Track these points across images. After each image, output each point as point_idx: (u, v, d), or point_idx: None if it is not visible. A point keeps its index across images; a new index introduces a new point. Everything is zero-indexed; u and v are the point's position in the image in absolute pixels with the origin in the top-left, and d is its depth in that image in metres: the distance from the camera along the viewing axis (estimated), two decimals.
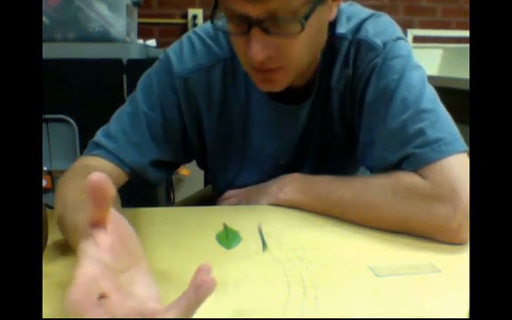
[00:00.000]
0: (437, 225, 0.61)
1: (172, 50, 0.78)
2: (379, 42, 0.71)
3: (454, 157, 0.63)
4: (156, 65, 0.78)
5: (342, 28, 0.72)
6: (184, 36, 0.79)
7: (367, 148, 0.72)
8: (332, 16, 0.69)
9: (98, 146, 0.75)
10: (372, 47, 0.71)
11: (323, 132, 0.79)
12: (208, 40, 0.76)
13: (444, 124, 0.66)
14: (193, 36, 0.77)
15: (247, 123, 0.80)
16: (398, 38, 0.72)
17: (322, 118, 0.78)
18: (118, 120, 0.78)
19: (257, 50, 0.60)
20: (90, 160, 0.74)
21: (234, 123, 0.80)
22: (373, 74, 0.70)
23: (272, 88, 0.67)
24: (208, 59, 0.76)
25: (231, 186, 0.86)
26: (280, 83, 0.66)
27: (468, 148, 0.64)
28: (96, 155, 0.74)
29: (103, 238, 0.38)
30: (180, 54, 0.76)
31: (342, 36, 0.72)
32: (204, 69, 0.76)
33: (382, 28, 0.73)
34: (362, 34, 0.72)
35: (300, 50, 0.63)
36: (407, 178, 0.64)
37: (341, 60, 0.73)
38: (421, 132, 0.65)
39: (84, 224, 0.40)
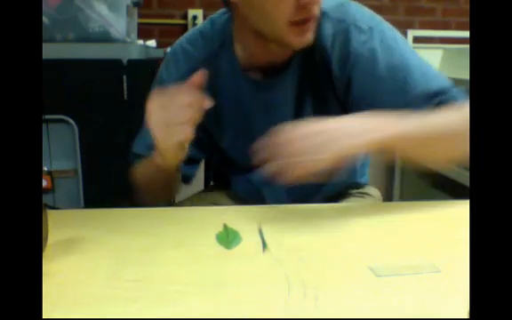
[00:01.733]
0: None
1: (161, 66, 0.92)
2: (365, 26, 0.78)
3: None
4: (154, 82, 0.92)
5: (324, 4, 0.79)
6: (170, 51, 0.91)
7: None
8: None
9: (138, 156, 0.89)
10: (360, 29, 0.78)
11: (316, 102, 0.84)
12: (189, 48, 0.87)
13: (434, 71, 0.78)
14: (177, 50, 0.88)
15: (240, 107, 0.86)
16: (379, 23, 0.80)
17: (313, 88, 0.83)
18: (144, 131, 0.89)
19: None
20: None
21: (227, 112, 0.87)
22: (375, 56, 0.77)
23: (306, 39, 0.74)
24: (190, 65, 0.84)
25: (228, 151, 0.92)
26: (311, 32, 0.74)
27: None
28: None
29: None
30: (168, 68, 0.89)
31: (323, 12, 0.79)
32: (190, 72, 0.81)
33: (365, 12, 0.81)
34: (349, 17, 0.79)
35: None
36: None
37: (327, 36, 0.79)
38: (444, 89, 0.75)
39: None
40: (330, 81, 0.81)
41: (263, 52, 0.81)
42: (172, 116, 0.65)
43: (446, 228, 0.69)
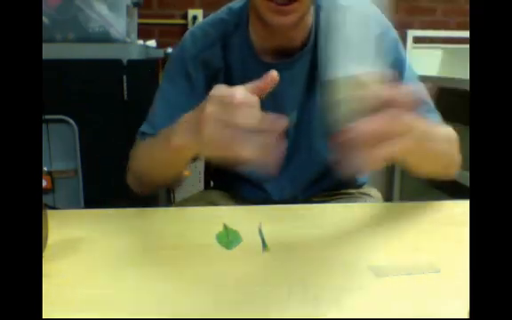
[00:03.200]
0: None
1: (178, 45, 0.90)
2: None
3: None
4: (168, 61, 0.92)
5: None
6: (187, 32, 0.91)
7: None
8: None
9: (143, 134, 0.87)
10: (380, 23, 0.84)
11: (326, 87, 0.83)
12: (206, 27, 0.88)
13: None
14: (193, 29, 0.90)
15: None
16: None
17: (324, 71, 0.83)
18: (152, 110, 0.90)
19: None
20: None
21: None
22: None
23: (285, 21, 0.73)
24: (207, 41, 0.87)
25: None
26: (292, 17, 0.73)
27: None
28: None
29: None
30: (185, 43, 0.89)
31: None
32: (208, 49, 0.86)
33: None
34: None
35: None
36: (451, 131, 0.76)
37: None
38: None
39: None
40: None
41: (267, 33, 0.82)
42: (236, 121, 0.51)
43: (446, 227, 0.69)
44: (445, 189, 2.07)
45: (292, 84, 0.85)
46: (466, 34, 2.62)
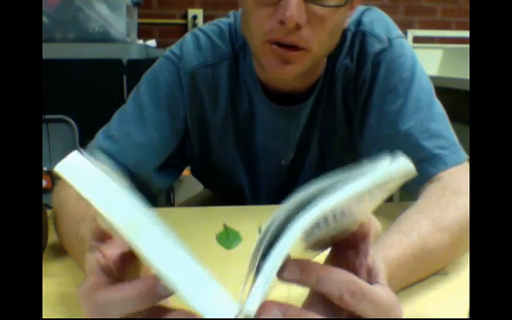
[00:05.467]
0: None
1: (177, 46, 0.76)
2: (383, 36, 0.71)
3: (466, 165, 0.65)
4: (160, 62, 0.76)
5: None
6: (188, 33, 0.77)
7: (375, 146, 0.70)
8: (346, 24, 0.68)
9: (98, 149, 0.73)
10: (378, 38, 0.70)
11: (324, 129, 0.79)
12: (213, 37, 0.74)
13: (452, 132, 0.68)
14: (198, 33, 0.75)
15: (252, 123, 0.79)
16: (401, 36, 0.73)
17: (323, 115, 0.77)
18: (121, 121, 0.75)
19: (294, 11, 0.56)
20: None
21: (239, 122, 0.78)
22: (381, 68, 0.70)
23: (286, 71, 0.63)
24: (214, 56, 0.74)
25: (230, 184, 0.85)
26: (296, 67, 0.62)
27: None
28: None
29: (111, 251, 0.38)
30: (186, 50, 0.74)
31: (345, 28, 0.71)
32: (211, 66, 0.74)
33: (384, 23, 0.73)
34: (366, 26, 0.71)
35: (326, 33, 0.62)
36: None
37: (345, 52, 0.73)
38: (440, 134, 0.66)
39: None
40: (346, 109, 0.76)
41: (268, 78, 0.72)
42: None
43: None
44: None
45: (297, 127, 0.77)
46: (466, 34, 2.62)
